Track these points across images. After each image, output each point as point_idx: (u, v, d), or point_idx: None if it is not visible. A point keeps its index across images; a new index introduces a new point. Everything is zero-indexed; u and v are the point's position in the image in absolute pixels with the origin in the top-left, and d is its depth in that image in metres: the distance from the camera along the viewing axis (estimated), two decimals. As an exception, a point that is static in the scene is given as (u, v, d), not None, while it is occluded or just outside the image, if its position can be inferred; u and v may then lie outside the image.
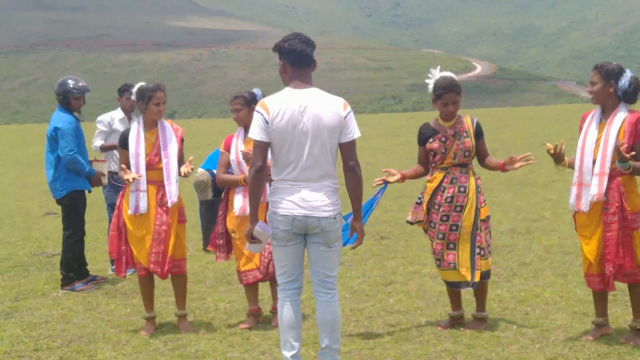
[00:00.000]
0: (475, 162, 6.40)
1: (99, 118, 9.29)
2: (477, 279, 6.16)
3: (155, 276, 6.73)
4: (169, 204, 6.57)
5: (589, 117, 5.94)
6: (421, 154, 6.46)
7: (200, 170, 9.67)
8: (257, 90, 6.84)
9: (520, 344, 5.84)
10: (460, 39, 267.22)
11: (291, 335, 5.15)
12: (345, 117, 5.11)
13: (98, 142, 9.14)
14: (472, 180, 6.26)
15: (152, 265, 6.57)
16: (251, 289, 6.75)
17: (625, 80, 5.75)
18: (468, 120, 6.34)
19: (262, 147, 5.08)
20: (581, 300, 6.85)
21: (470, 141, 6.25)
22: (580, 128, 5.98)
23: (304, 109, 5.03)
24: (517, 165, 6.20)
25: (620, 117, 5.73)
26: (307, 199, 5.04)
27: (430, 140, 6.30)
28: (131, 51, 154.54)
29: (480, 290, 6.35)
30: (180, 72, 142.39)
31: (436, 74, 6.35)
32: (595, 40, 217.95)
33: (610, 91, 5.77)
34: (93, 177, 8.39)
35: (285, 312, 5.18)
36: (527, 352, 5.65)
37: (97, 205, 14.07)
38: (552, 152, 5.88)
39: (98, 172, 8.45)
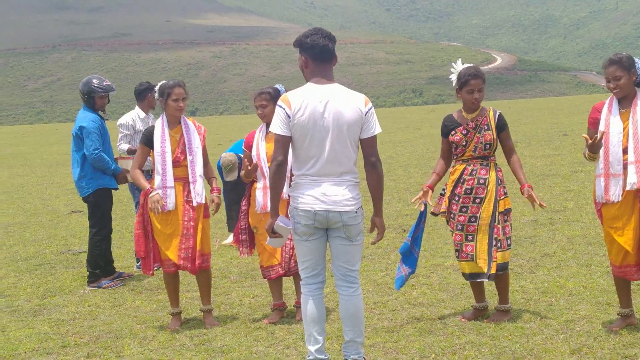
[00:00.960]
0: (500, 152, 6.39)
1: (121, 121, 9.22)
2: (493, 270, 6.16)
3: (180, 272, 6.77)
4: (194, 204, 6.61)
5: (605, 108, 5.84)
6: (444, 146, 6.47)
7: (227, 152, 9.73)
8: (279, 86, 6.86)
9: (545, 334, 5.84)
10: (479, 31, 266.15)
11: (315, 329, 5.17)
12: (367, 113, 5.13)
13: (124, 145, 9.10)
14: (492, 172, 6.25)
15: (182, 262, 6.61)
16: (275, 283, 6.80)
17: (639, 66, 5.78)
18: (490, 113, 6.33)
19: (283, 142, 5.10)
20: (605, 291, 6.83)
21: (491, 134, 6.24)
22: (594, 119, 5.87)
23: (325, 104, 5.05)
24: (532, 202, 6.21)
25: None
26: (328, 193, 5.06)
27: (453, 132, 6.32)
28: (152, 50, 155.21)
29: (501, 283, 6.35)
30: (201, 70, 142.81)
31: (459, 66, 6.37)
32: (615, 30, 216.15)
33: (634, 80, 5.77)
34: (119, 174, 8.46)
35: (309, 306, 5.20)
36: (552, 343, 5.65)
37: (121, 202, 14.22)
38: (596, 141, 5.77)
39: (124, 169, 8.51)
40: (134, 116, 9.20)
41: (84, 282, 8.46)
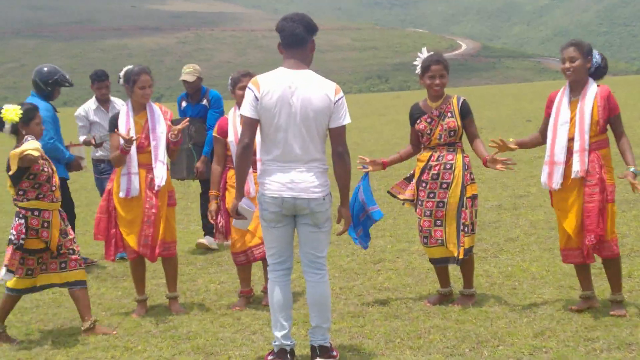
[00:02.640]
0: (465, 139, 6.44)
1: (76, 113, 9.15)
2: (460, 255, 6.22)
3: (146, 259, 6.74)
4: (156, 187, 6.57)
5: (558, 97, 5.97)
6: (412, 135, 6.55)
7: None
8: None
9: (509, 318, 5.90)
10: (444, 17, 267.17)
11: (282, 315, 5.18)
12: (336, 102, 5.09)
13: (81, 137, 9.03)
14: (459, 157, 6.29)
15: (141, 248, 6.57)
16: (244, 270, 6.76)
17: (598, 57, 5.92)
18: (454, 100, 6.38)
19: (250, 124, 5.07)
20: (567, 274, 6.91)
21: (455, 121, 6.29)
22: (549, 108, 6.02)
23: (294, 89, 5.02)
24: (498, 166, 6.25)
25: (592, 92, 5.82)
26: (296, 180, 5.04)
27: (418, 121, 6.39)
28: (116, 36, 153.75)
29: (465, 267, 6.41)
30: (166, 56, 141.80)
31: (424, 54, 6.43)
32: (578, 17, 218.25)
33: (587, 66, 5.85)
34: (72, 162, 8.42)
35: (276, 292, 5.21)
36: (515, 327, 5.71)
37: (85, 189, 14.10)
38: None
39: (77, 156, 8.47)
40: (87, 107, 9.11)
41: (48, 270, 8.36)
